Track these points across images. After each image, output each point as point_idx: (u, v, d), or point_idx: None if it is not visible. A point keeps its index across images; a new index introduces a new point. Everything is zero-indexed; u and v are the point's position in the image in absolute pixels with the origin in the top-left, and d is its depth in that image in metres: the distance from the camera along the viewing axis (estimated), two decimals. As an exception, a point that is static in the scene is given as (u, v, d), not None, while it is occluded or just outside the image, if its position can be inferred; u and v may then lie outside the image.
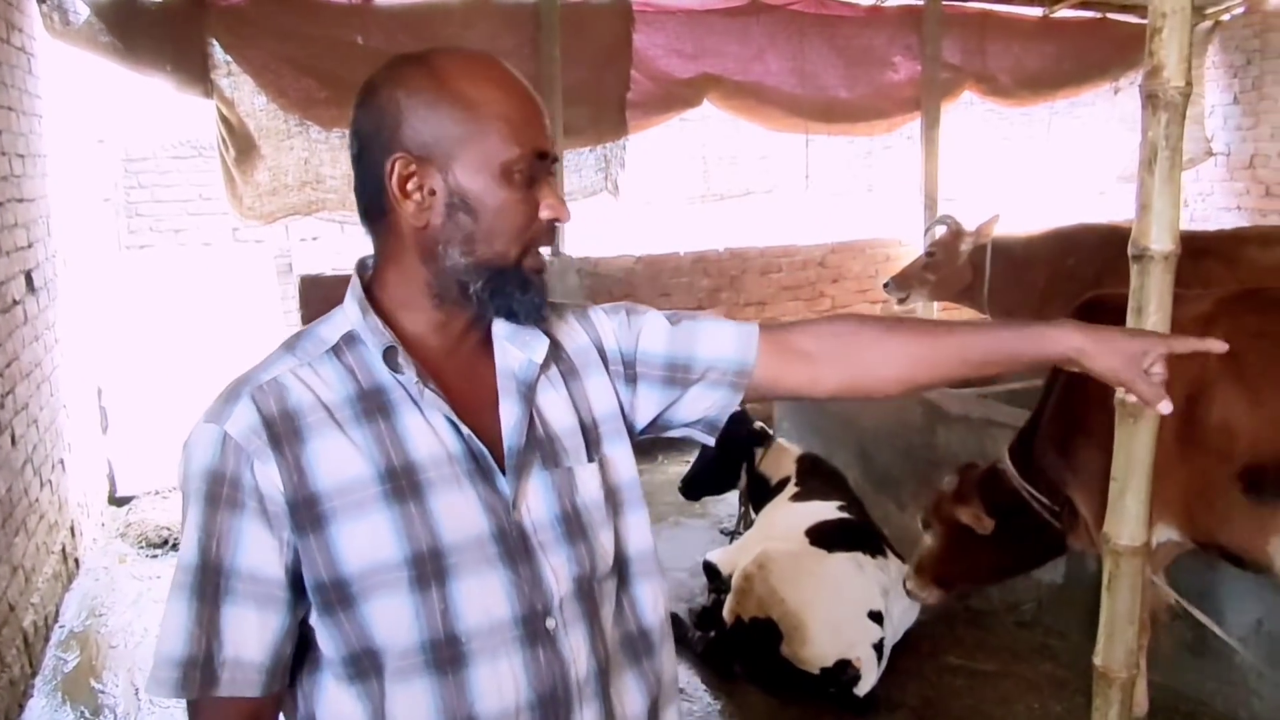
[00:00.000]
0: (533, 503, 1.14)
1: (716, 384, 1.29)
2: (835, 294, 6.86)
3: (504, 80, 1.13)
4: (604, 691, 1.17)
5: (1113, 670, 2.58)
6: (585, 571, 1.16)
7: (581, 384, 1.25)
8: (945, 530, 3.19)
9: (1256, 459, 2.46)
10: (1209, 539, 2.59)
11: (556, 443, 1.18)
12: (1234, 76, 7.38)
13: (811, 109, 6.54)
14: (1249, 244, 4.72)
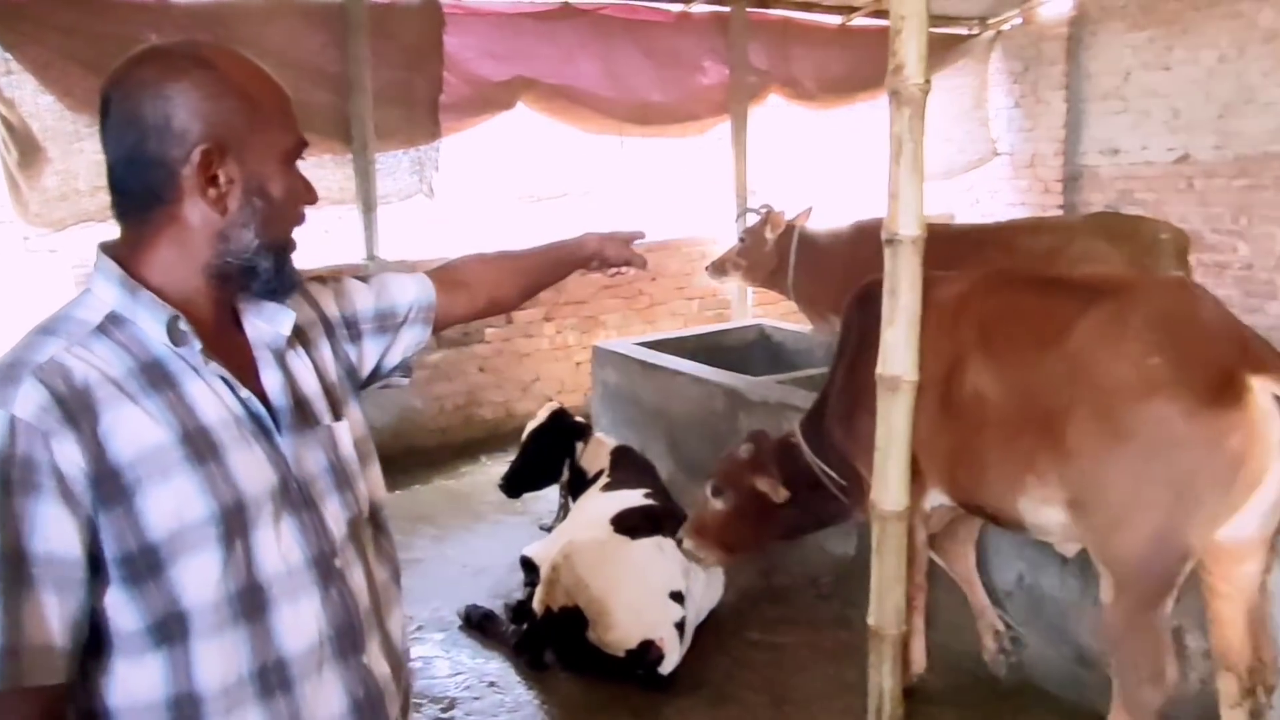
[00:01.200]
0: (307, 457, 1.27)
1: (414, 322, 1.54)
2: (654, 291, 7.00)
3: (266, 73, 1.25)
4: (381, 622, 1.33)
5: (884, 628, 2.76)
6: (354, 515, 1.31)
7: (319, 352, 1.38)
8: (738, 496, 3.29)
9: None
10: (970, 500, 2.78)
11: (311, 404, 1.31)
12: (1014, 82, 7.97)
13: (624, 111, 6.64)
14: (1021, 233, 5.09)
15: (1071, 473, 2.38)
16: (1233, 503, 2.22)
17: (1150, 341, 2.28)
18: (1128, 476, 2.28)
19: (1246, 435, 2.16)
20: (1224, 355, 2.23)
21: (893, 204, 2.59)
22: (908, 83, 2.53)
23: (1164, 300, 2.42)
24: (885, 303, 2.62)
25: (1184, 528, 2.25)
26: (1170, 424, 2.21)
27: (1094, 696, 3.06)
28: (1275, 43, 6.46)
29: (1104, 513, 2.35)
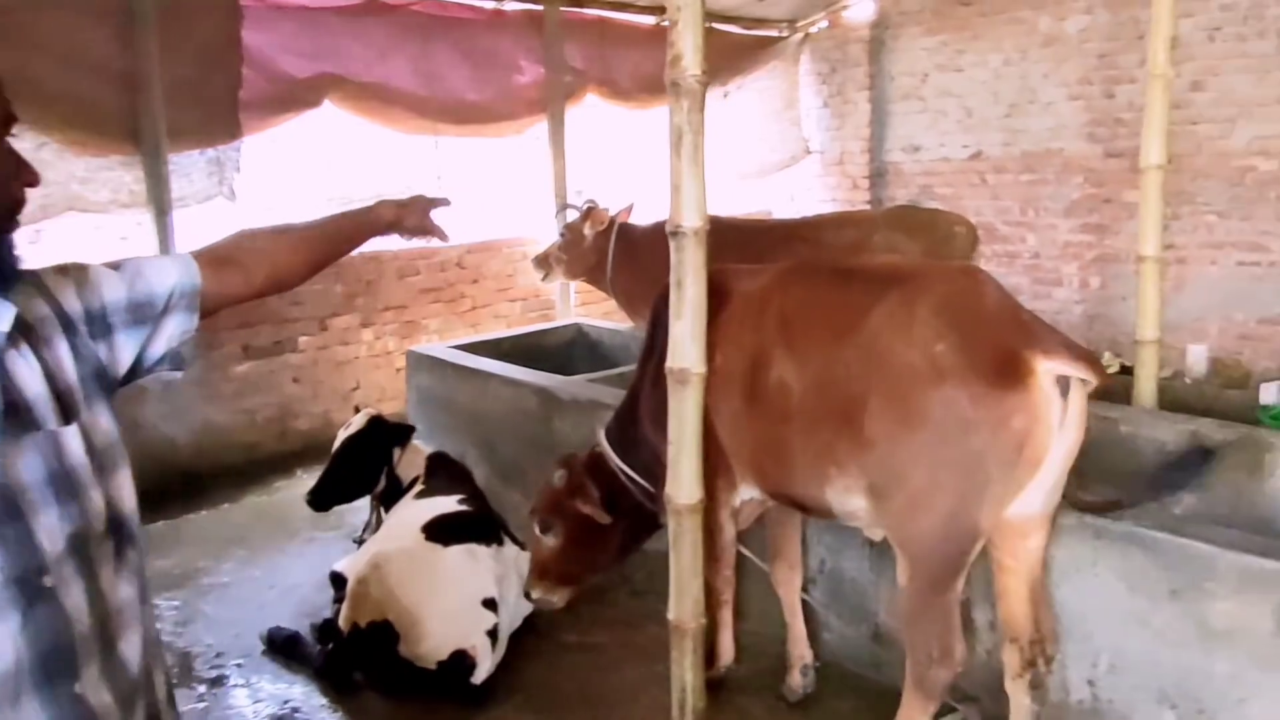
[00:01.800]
0: (21, 464, 1.16)
1: (177, 310, 1.42)
2: (475, 294, 6.87)
3: None
4: (109, 647, 1.23)
5: (684, 622, 2.75)
6: (79, 528, 1.20)
7: (52, 350, 1.26)
8: (566, 526, 3.19)
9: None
10: (779, 491, 2.79)
11: (35, 408, 1.20)
12: (823, 83, 8.26)
13: (439, 111, 6.48)
14: (826, 227, 5.26)
15: (870, 461, 2.41)
16: (1018, 481, 2.29)
17: (937, 328, 2.31)
18: (921, 461, 2.32)
19: (1029, 416, 2.22)
20: (1008, 339, 2.28)
21: (675, 196, 2.58)
22: (686, 74, 2.54)
23: (950, 287, 2.44)
24: (672, 296, 2.62)
25: (974, 508, 2.30)
26: (958, 407, 2.25)
27: (892, 674, 3.17)
28: (1053, 47, 6.93)
29: (900, 498, 2.39)
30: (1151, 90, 3.74)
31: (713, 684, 3.15)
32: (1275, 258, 6.10)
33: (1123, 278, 6.71)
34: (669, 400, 2.64)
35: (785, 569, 3.19)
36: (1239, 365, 6.28)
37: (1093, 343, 6.78)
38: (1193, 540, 2.45)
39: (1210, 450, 2.96)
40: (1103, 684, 2.64)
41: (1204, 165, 6.28)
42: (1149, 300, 3.86)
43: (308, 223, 1.68)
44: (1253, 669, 2.36)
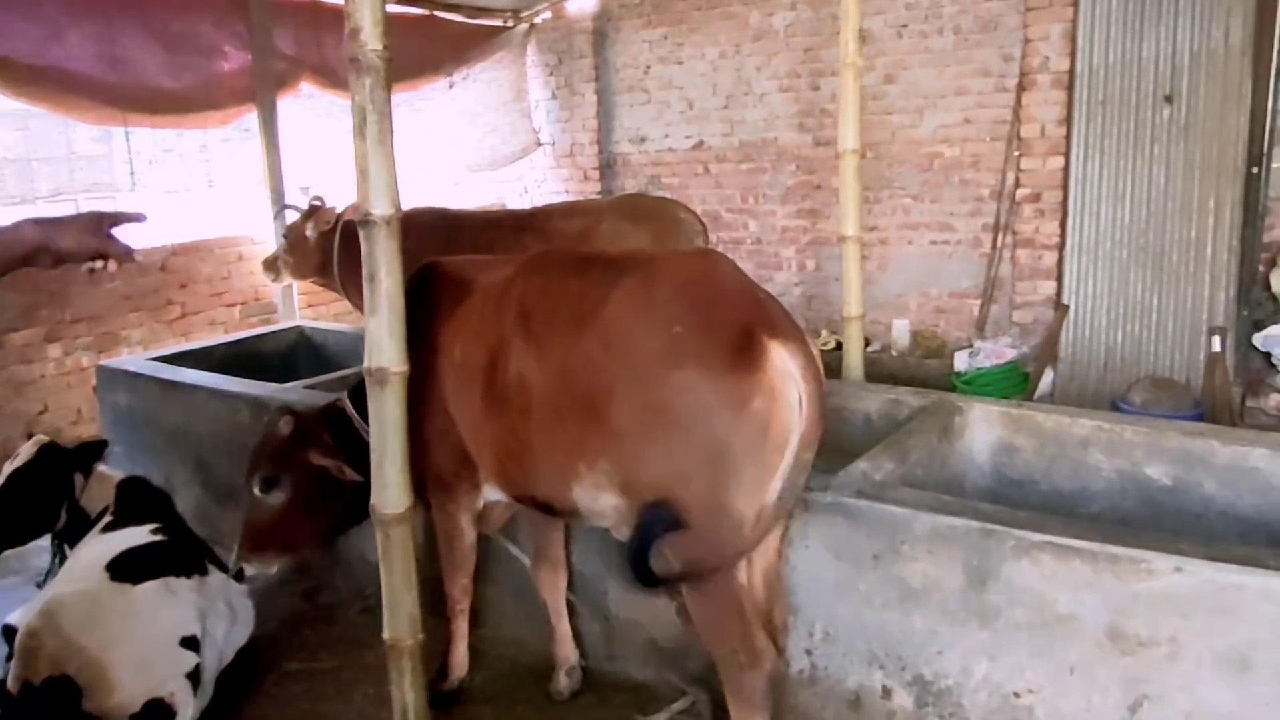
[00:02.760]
0: None
1: None
2: (186, 300, 6.26)
3: None
4: None
5: (401, 639, 2.57)
6: None
7: None
8: (295, 481, 2.89)
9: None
10: (523, 493, 2.62)
11: None
12: (550, 75, 8.22)
13: (129, 99, 5.84)
14: (555, 217, 5.23)
15: (621, 453, 2.28)
16: (769, 466, 2.20)
17: (674, 311, 2.23)
18: (669, 451, 2.20)
19: (768, 397, 2.15)
20: (744, 319, 2.20)
21: (363, 182, 2.39)
22: (366, 49, 2.35)
23: (685, 270, 2.38)
24: (365, 290, 2.43)
25: (730, 496, 2.19)
26: (698, 391, 2.15)
27: (625, 665, 3.15)
28: (763, 41, 7.24)
29: (653, 492, 2.25)
30: (844, 79, 3.93)
31: (448, 698, 3.00)
32: (961, 236, 6.68)
33: (835, 259, 7.08)
34: (369, 403, 2.45)
35: (548, 570, 3.06)
36: (936, 336, 6.85)
37: (811, 322, 7.18)
38: (889, 505, 2.56)
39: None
40: (819, 652, 2.72)
41: (898, 152, 6.78)
42: (852, 279, 4.07)
43: None
44: (947, 623, 2.50)
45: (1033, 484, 3.43)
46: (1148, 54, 5.62)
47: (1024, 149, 6.23)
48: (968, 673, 2.50)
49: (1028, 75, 6.14)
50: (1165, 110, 5.61)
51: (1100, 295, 5.86)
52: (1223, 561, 2.22)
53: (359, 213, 2.41)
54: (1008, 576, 2.43)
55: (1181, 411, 5.26)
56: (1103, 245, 5.81)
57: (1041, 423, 3.38)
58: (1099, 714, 2.37)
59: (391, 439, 2.43)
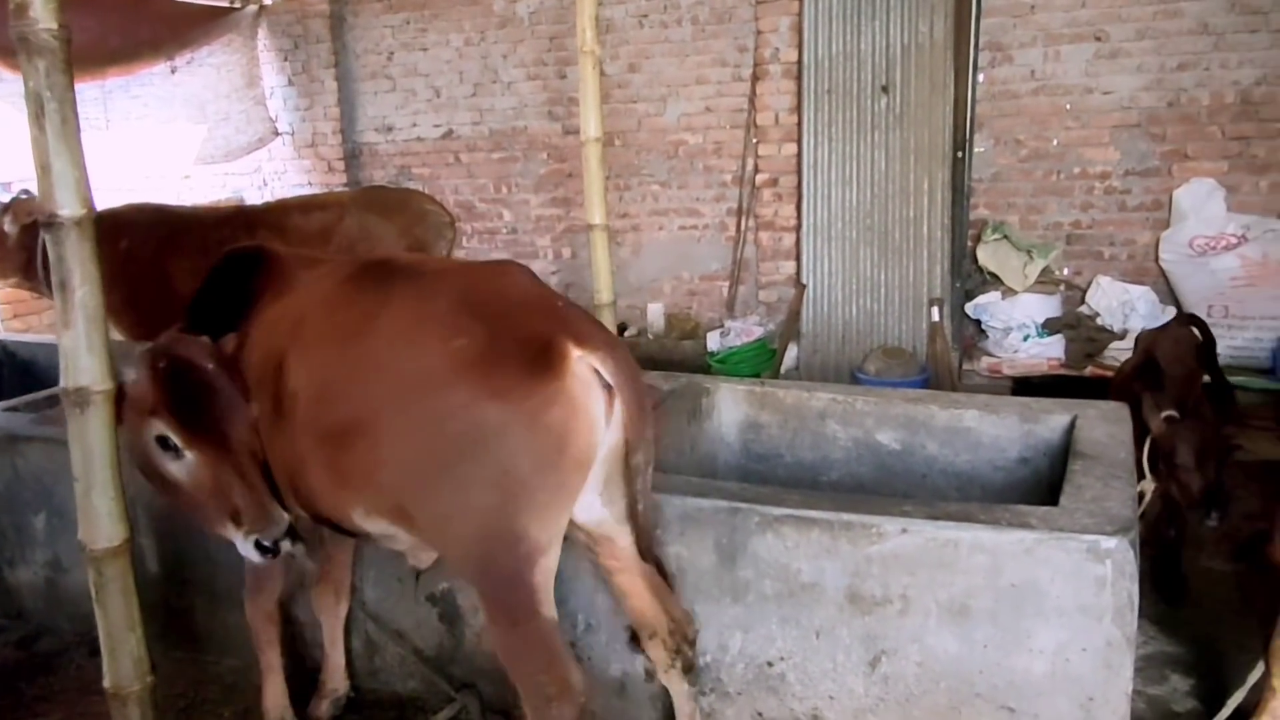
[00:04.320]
0: None
1: None
2: None
3: None
4: None
5: (124, 686, 2.33)
6: None
7: None
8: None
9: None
10: (314, 512, 2.37)
11: None
12: (285, 60, 7.75)
13: None
14: (293, 212, 4.93)
15: (389, 483, 2.09)
16: (568, 485, 2.04)
17: (455, 324, 2.03)
18: (445, 477, 2.01)
19: (567, 408, 1.97)
20: (540, 329, 2.02)
21: (44, 179, 2.12)
22: (37, 27, 2.08)
23: (473, 280, 2.21)
24: (57, 300, 2.16)
25: (519, 522, 2.00)
26: (480, 407, 1.96)
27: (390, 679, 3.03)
28: (508, 28, 7.16)
29: (432, 522, 2.09)
30: (583, 67, 3.93)
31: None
32: (708, 221, 6.92)
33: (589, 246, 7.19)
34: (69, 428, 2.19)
35: (329, 596, 2.84)
36: (689, 318, 7.07)
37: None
38: (642, 492, 2.58)
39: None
40: (583, 642, 2.73)
41: (645, 140, 6.92)
42: (601, 266, 4.09)
43: None
44: (702, 601, 2.56)
45: (779, 458, 3.60)
46: (865, 47, 6.01)
47: (760, 136, 6.52)
48: (724, 648, 2.59)
49: (760, 65, 6.42)
50: (882, 99, 6.03)
51: (835, 273, 6.24)
52: (941, 520, 2.41)
53: (42, 213, 2.14)
54: (754, 551, 2.53)
55: (910, 378, 5.71)
56: (834, 226, 6.19)
57: (783, 398, 3.55)
58: (844, 672, 2.51)
59: (100, 467, 2.18)
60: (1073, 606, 2.30)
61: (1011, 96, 6.05)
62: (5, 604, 3.56)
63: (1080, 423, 3.10)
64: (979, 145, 6.06)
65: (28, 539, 3.44)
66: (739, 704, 2.63)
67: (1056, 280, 6.09)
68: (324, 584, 2.81)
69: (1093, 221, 6.03)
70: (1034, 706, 2.37)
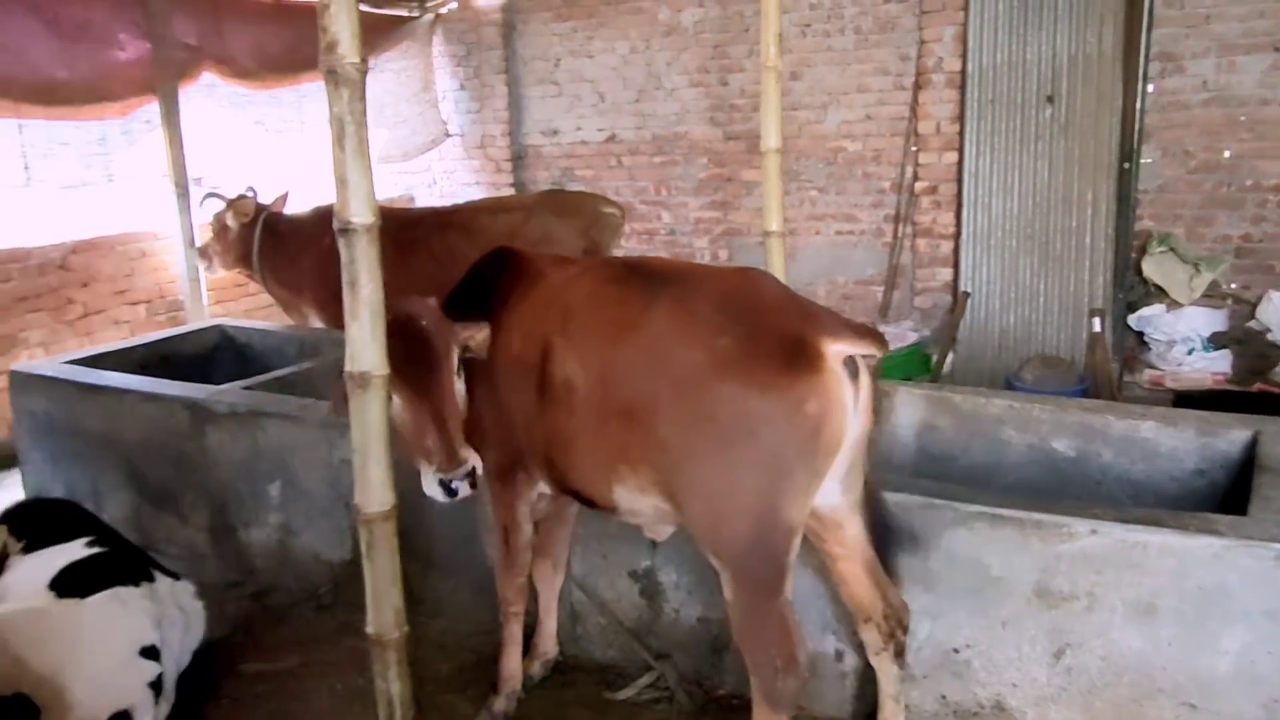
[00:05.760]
0: None
1: None
2: (88, 299, 6.06)
3: None
4: None
5: (384, 633, 2.65)
6: None
7: None
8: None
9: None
10: (567, 486, 2.65)
11: None
12: (458, 66, 8.21)
13: (21, 90, 5.61)
14: (481, 214, 5.30)
15: (663, 462, 2.32)
16: (819, 469, 2.23)
17: (719, 323, 2.27)
18: (717, 463, 2.23)
19: (822, 400, 2.17)
20: (791, 327, 2.23)
21: (342, 191, 2.45)
22: (343, 61, 2.41)
23: (729, 285, 2.42)
24: (346, 295, 2.49)
25: (781, 504, 2.21)
26: (747, 401, 2.18)
27: (589, 647, 3.30)
28: (672, 36, 7.42)
29: (701, 504, 2.29)
30: (765, 81, 4.12)
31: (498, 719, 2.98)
32: (865, 227, 7.03)
33: (745, 249, 7.39)
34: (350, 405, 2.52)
35: (548, 567, 3.09)
36: (844, 322, 7.18)
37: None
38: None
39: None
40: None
41: (805, 147, 7.07)
42: (777, 273, 4.27)
43: None
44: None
45: (952, 460, 3.72)
46: (1031, 57, 6.03)
47: (921, 144, 6.60)
48: (912, 633, 2.74)
49: (923, 75, 6.50)
50: (1047, 109, 6.04)
51: (993, 281, 6.28)
52: (1131, 523, 2.53)
53: (338, 220, 2.47)
54: (947, 544, 2.70)
55: (1068, 388, 5.70)
56: (994, 234, 6.22)
57: (959, 403, 3.68)
58: (1028, 662, 2.66)
59: (375, 441, 2.51)
60: (1259, 611, 2.40)
61: (1182, 107, 5.97)
62: (240, 562, 3.97)
63: (1263, 439, 3.14)
64: (1146, 156, 6.00)
65: (263, 504, 3.85)
66: (924, 687, 2.79)
67: (1224, 294, 5.99)
68: (543, 556, 3.07)
69: (1264, 235, 5.90)
70: (1216, 704, 2.47)
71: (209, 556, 4.01)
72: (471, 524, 3.37)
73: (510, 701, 2.99)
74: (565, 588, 3.23)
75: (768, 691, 2.32)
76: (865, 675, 2.84)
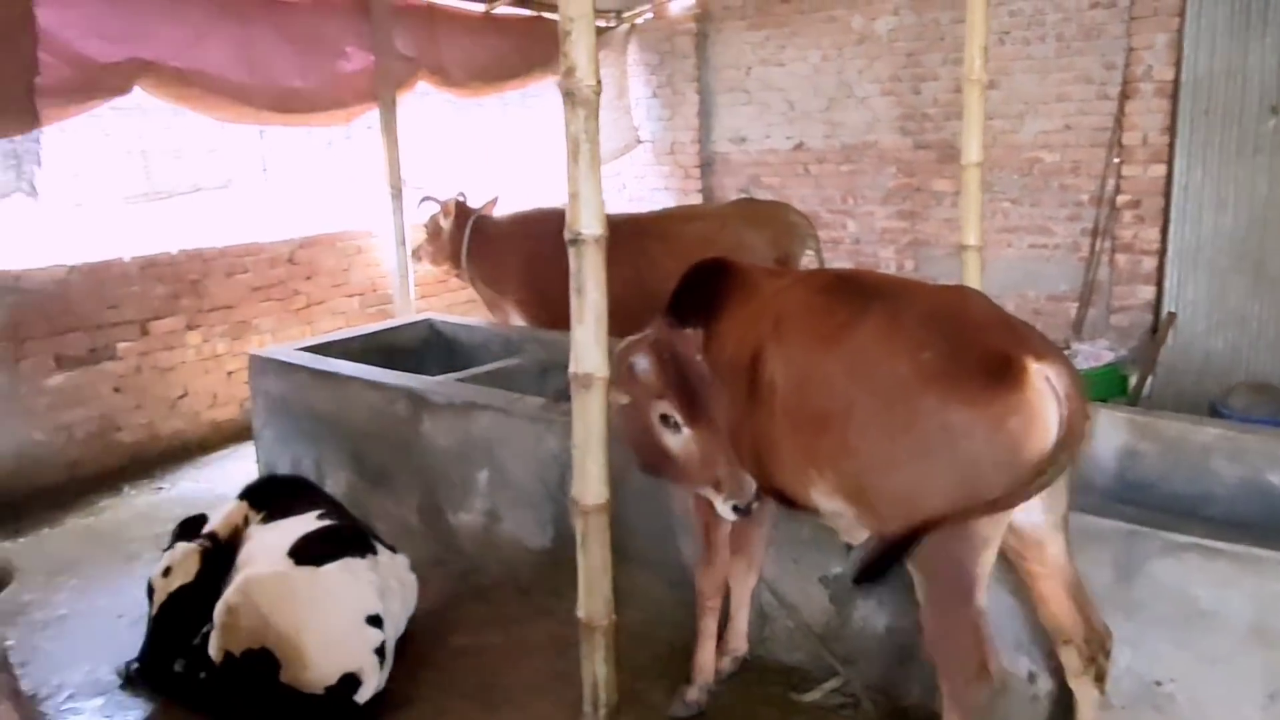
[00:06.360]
0: None
1: None
2: (310, 291, 6.63)
3: None
4: None
5: (595, 619, 2.84)
6: None
7: None
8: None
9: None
10: (770, 486, 2.73)
11: None
12: (651, 73, 8.44)
13: (264, 99, 6.19)
14: (675, 221, 5.48)
15: (850, 469, 2.41)
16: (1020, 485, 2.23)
17: (921, 338, 2.33)
18: (911, 473, 2.30)
19: (1026, 418, 2.20)
20: (997, 344, 2.27)
21: (574, 203, 2.65)
22: (581, 84, 2.59)
23: (937, 301, 2.48)
24: (573, 302, 2.68)
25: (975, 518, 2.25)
26: (947, 414, 2.23)
27: (775, 649, 3.39)
28: (865, 45, 7.40)
29: (894, 510, 2.34)
30: (968, 94, 4.13)
31: (691, 708, 3.10)
32: (1059, 241, 6.80)
33: (932, 260, 7.29)
34: (573, 403, 2.72)
35: (744, 566, 3.18)
36: (1034, 338, 6.96)
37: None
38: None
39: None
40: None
41: (999, 157, 6.90)
42: (972, 284, 4.25)
43: None
44: (1096, 616, 2.70)
45: (1152, 487, 3.60)
46: (1253, 64, 5.69)
47: (1125, 156, 6.33)
48: (1113, 662, 2.70)
49: (1131, 83, 6.23)
50: (1270, 120, 5.69)
51: (1199, 301, 5.97)
52: (1360, 566, 2.41)
53: (569, 231, 2.67)
54: (1152, 573, 2.65)
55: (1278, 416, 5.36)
56: (1204, 252, 5.91)
57: (1164, 429, 3.56)
58: (1240, 701, 2.57)
59: (595, 437, 2.70)
60: None
61: None
62: (448, 542, 4.28)
63: None
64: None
65: (472, 490, 4.15)
66: (1121, 718, 2.75)
67: None
68: (739, 555, 3.17)
69: None
70: None
71: (418, 535, 4.34)
72: (668, 520, 3.53)
73: (702, 693, 3.12)
74: (756, 589, 3.33)
75: (955, 698, 2.37)
76: (1057, 700, 2.82)
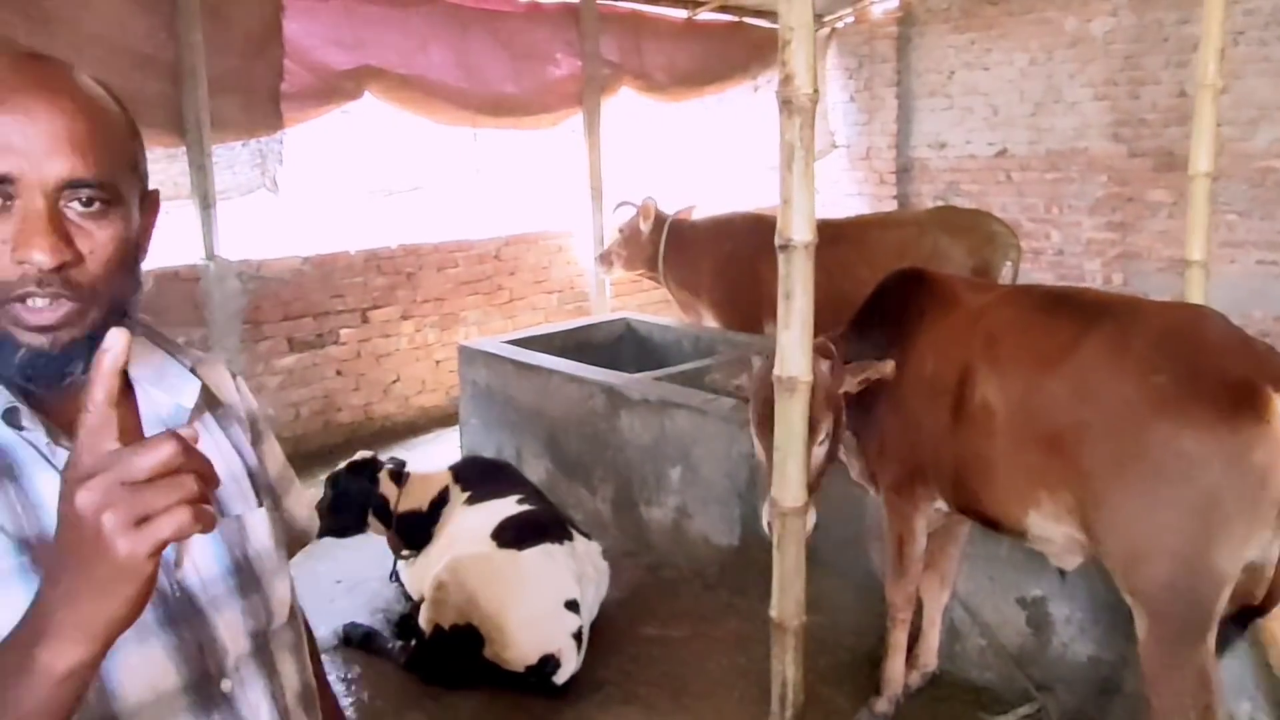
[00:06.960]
0: (199, 558, 1.02)
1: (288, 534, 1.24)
2: (513, 286, 6.95)
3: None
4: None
5: (786, 620, 2.87)
6: (261, 625, 1.08)
7: (237, 431, 1.16)
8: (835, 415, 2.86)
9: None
10: (971, 507, 2.73)
11: (220, 489, 1.03)
12: (849, 78, 8.36)
13: (478, 103, 6.56)
14: (872, 228, 5.42)
15: (1086, 493, 2.33)
16: (1263, 521, 2.13)
17: (1154, 360, 2.24)
18: (1143, 502, 2.21)
19: (1271, 450, 2.08)
20: (1240, 370, 2.15)
21: (785, 210, 2.68)
22: (799, 92, 2.63)
23: (1168, 320, 2.39)
24: (780, 306, 2.71)
25: (1211, 552, 2.14)
26: (1181, 441, 2.13)
27: (966, 667, 3.33)
28: (1078, 47, 7.06)
29: (1121, 541, 2.27)
30: (1200, 100, 3.87)
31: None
32: (1294, 257, 6.29)
33: (1144, 274, 6.88)
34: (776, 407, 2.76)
35: (936, 582, 3.17)
36: (1260, 362, 6.46)
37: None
38: None
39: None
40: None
41: (1225, 166, 6.42)
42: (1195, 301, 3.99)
43: None
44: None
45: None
46: None
47: (1375, 166, 5.78)
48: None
49: (1386, 87, 5.69)
50: None
51: None
52: None
53: (779, 237, 2.70)
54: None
55: None
56: None
57: None
58: None
59: (795, 441, 2.73)
60: None
61: None
62: (638, 535, 4.41)
63: None
64: None
65: (664, 486, 4.26)
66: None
67: None
68: (932, 570, 3.15)
69: None
70: None
71: (610, 526, 4.49)
72: (859, 527, 3.52)
73: (892, 705, 3.11)
74: (949, 605, 3.28)
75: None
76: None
